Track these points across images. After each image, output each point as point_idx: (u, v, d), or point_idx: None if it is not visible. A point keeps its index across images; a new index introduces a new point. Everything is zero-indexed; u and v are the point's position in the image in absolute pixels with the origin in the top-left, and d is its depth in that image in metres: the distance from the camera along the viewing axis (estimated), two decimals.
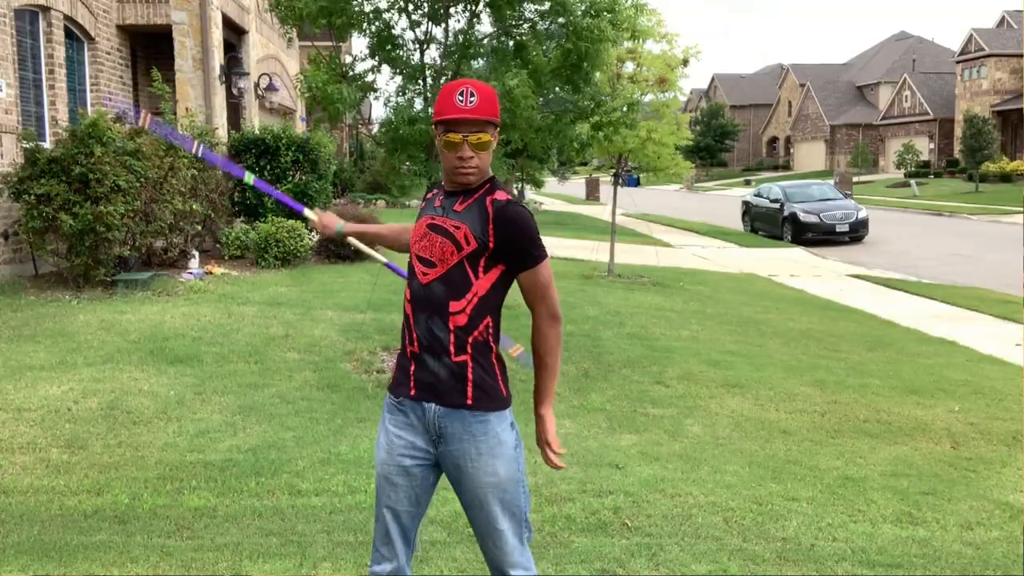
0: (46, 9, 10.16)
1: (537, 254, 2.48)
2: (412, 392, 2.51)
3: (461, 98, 2.42)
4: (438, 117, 2.46)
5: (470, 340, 2.45)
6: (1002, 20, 53.74)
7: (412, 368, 2.51)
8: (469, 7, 6.81)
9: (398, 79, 6.97)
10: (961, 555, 3.98)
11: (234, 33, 14.52)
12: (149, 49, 13.32)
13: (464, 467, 2.50)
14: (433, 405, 2.48)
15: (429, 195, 2.68)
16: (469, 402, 2.46)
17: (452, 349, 2.44)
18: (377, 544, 2.62)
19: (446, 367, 2.45)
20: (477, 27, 6.98)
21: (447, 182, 2.56)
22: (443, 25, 6.88)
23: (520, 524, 2.56)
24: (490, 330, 2.50)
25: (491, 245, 2.43)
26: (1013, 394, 6.94)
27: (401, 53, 6.86)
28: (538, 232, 2.48)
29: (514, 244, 2.44)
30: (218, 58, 12.67)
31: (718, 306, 10.85)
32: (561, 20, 6.70)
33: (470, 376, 2.45)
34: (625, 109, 10.83)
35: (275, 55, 17.49)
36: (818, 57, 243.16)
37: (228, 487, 4.38)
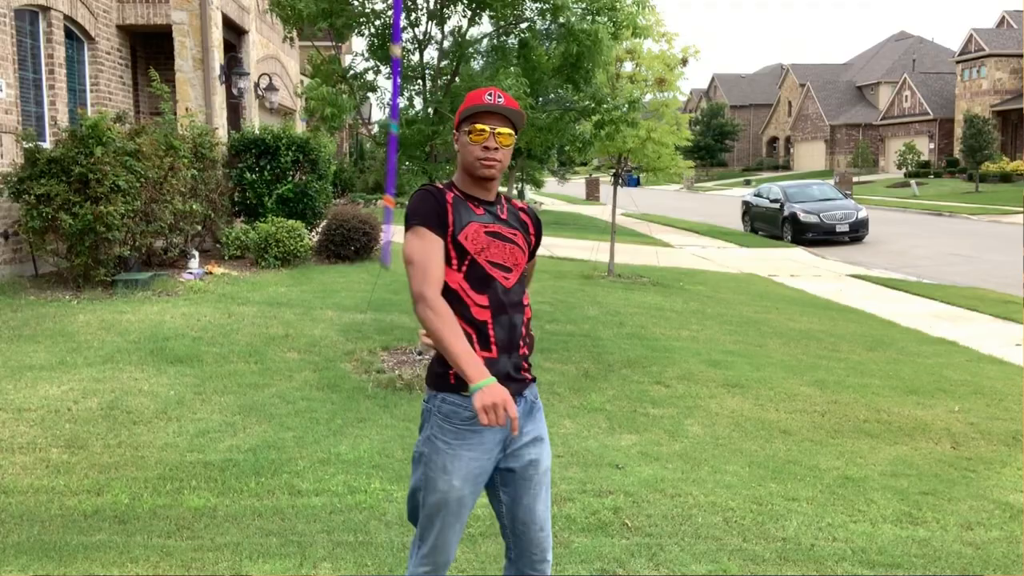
0: (46, 9, 10.16)
1: (536, 251, 2.83)
2: None
3: (490, 97, 2.58)
4: (466, 111, 2.58)
5: (529, 331, 2.67)
6: (1002, 20, 53.73)
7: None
8: (468, 6, 6.80)
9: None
10: (961, 555, 3.98)
11: (234, 33, 14.52)
12: (149, 49, 13.32)
13: (533, 463, 2.62)
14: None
15: (448, 198, 2.57)
16: (529, 378, 2.64)
17: (522, 342, 2.62)
18: (433, 558, 2.60)
19: (515, 359, 2.59)
20: (476, 27, 6.98)
21: (467, 180, 2.62)
22: (442, 25, 6.88)
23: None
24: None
25: (533, 245, 2.76)
26: (1013, 394, 6.94)
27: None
28: None
29: (538, 240, 2.79)
30: (218, 58, 12.67)
31: (718, 306, 10.85)
32: (561, 20, 6.69)
33: (525, 364, 2.65)
34: (626, 108, 10.83)
35: (275, 55, 17.49)
36: (818, 57, 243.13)
37: (228, 487, 4.38)
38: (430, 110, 6.70)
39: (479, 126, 2.55)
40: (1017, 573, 3.83)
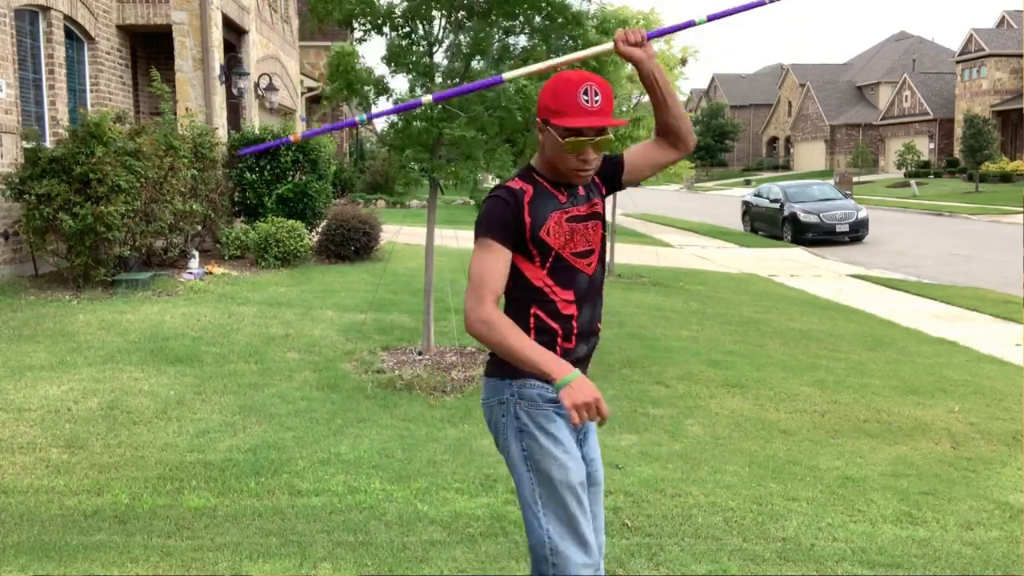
0: (46, 9, 10.17)
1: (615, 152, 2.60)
2: None
3: (587, 98, 2.28)
4: (561, 120, 2.30)
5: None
6: (1002, 20, 53.74)
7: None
8: (482, 17, 6.79)
9: (407, 77, 6.96)
10: (961, 555, 3.98)
11: (234, 33, 14.52)
12: (149, 49, 13.33)
13: (596, 457, 2.57)
14: None
15: (527, 197, 2.39)
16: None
17: (599, 324, 2.53)
18: (588, 556, 2.41)
19: (593, 344, 2.51)
20: (490, 32, 6.97)
21: (557, 173, 2.41)
22: (455, 31, 6.87)
23: None
24: None
25: (606, 191, 2.57)
26: (1013, 394, 6.94)
27: (415, 57, 6.84)
28: None
29: (606, 166, 2.56)
30: (218, 58, 12.68)
31: (718, 306, 10.85)
32: (574, 34, 6.70)
33: (596, 343, 2.55)
34: (628, 114, 10.87)
35: (275, 55, 17.49)
36: (818, 57, 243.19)
37: (228, 487, 4.38)
38: (438, 107, 6.68)
39: (576, 140, 2.29)
40: (1017, 573, 3.83)
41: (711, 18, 2.47)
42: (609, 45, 2.44)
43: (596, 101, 2.29)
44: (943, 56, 60.98)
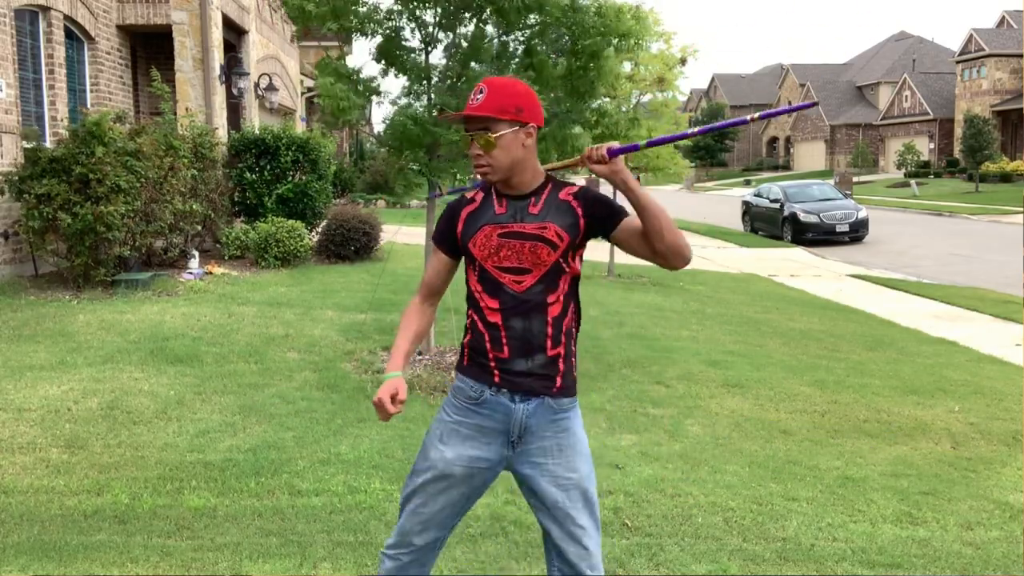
0: (46, 9, 10.16)
1: (621, 209, 2.52)
2: (497, 386, 2.47)
3: (472, 97, 2.42)
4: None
5: (563, 329, 2.49)
6: (1002, 20, 53.73)
7: (495, 368, 2.47)
8: (476, 14, 6.78)
9: (403, 79, 6.96)
10: (961, 555, 3.98)
11: (234, 33, 14.52)
12: (149, 49, 13.33)
13: (544, 465, 2.51)
14: (521, 405, 2.47)
15: (469, 207, 2.54)
16: (555, 390, 2.49)
17: (549, 343, 2.47)
18: (401, 536, 2.58)
19: (539, 362, 2.47)
20: (486, 29, 6.96)
21: (501, 188, 2.53)
22: (451, 31, 6.87)
23: (597, 522, 2.56)
24: (576, 315, 2.54)
25: (582, 229, 2.48)
26: (1013, 394, 6.94)
27: (407, 57, 6.84)
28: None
29: (601, 218, 2.50)
30: (218, 58, 12.68)
31: (718, 306, 10.85)
32: (570, 23, 6.70)
33: (561, 367, 2.49)
34: (627, 115, 10.89)
35: (275, 55, 17.49)
36: (818, 57, 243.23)
37: (228, 487, 4.38)
38: (434, 112, 6.68)
39: (464, 134, 2.47)
40: (1017, 573, 3.83)
41: (649, 144, 2.68)
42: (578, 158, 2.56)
43: (478, 99, 2.40)
44: (943, 56, 60.98)
